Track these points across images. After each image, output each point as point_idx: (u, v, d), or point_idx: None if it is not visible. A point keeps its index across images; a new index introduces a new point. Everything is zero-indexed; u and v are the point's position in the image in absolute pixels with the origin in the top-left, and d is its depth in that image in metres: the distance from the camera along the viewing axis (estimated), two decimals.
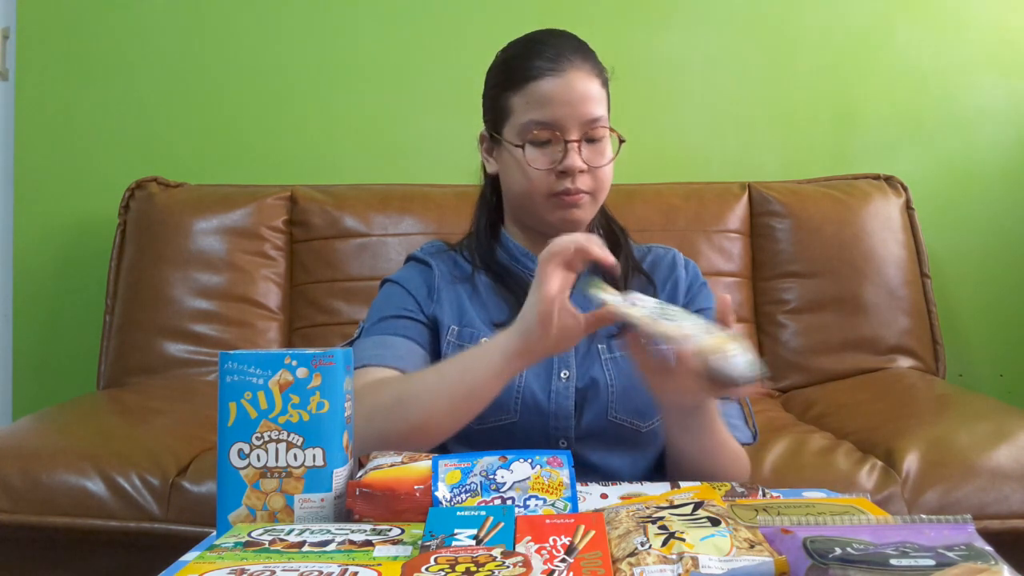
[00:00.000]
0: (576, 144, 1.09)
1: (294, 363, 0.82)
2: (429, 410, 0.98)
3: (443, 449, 1.00)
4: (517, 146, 1.11)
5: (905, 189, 2.19)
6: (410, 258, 1.25)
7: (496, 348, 0.96)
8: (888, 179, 2.20)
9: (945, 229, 2.29)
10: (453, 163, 1.22)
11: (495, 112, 1.16)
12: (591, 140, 1.11)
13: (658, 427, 1.12)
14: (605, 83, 1.15)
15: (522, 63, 1.12)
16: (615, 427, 1.11)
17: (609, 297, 0.92)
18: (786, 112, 2.35)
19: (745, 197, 2.19)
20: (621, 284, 1.14)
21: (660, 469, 1.14)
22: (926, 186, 2.26)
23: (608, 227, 1.23)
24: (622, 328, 1.06)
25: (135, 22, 2.34)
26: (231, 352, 0.82)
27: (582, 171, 1.10)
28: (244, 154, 2.33)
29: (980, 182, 2.32)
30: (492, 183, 1.22)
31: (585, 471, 1.05)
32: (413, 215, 2.14)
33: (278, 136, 2.34)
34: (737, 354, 0.84)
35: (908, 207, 2.17)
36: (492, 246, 1.21)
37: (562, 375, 1.12)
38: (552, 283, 0.90)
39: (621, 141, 1.15)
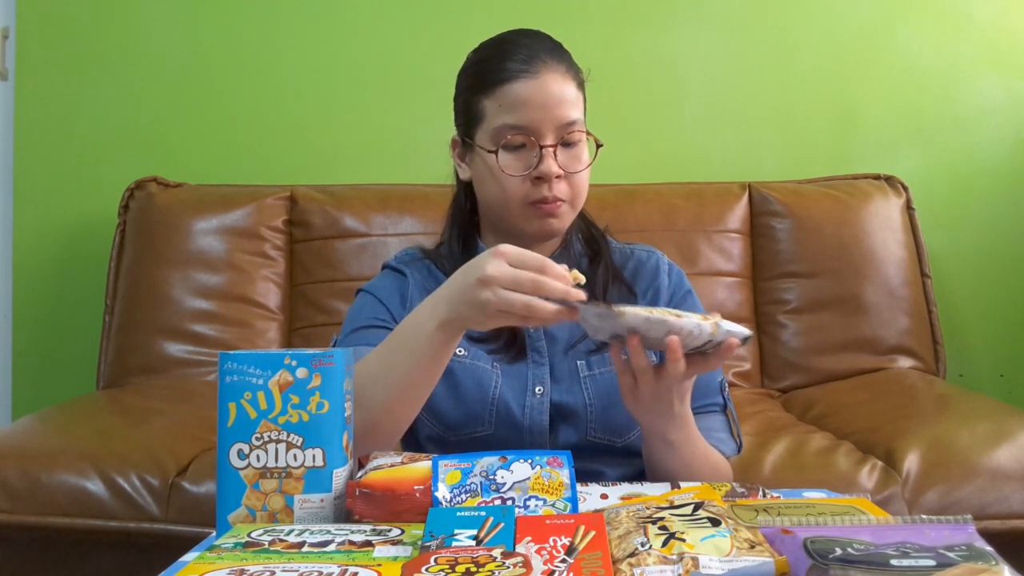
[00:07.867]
0: (552, 149, 1.05)
1: (294, 363, 0.82)
2: (385, 397, 0.97)
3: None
4: (490, 152, 1.07)
5: (905, 189, 2.19)
6: (385, 266, 1.22)
7: (427, 321, 0.95)
8: (888, 179, 2.20)
9: (945, 229, 2.28)
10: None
11: (467, 116, 1.12)
12: (567, 144, 1.07)
13: (634, 440, 1.11)
14: (581, 85, 1.11)
15: (494, 65, 1.08)
16: (591, 444, 1.10)
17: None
18: (786, 112, 2.35)
19: (745, 197, 2.18)
20: (600, 295, 1.13)
21: (640, 477, 1.13)
22: (926, 186, 2.26)
23: (588, 233, 1.19)
24: (602, 344, 1.06)
25: (135, 22, 2.34)
26: (231, 352, 0.82)
27: (558, 177, 1.06)
28: (244, 154, 2.33)
29: (980, 182, 2.32)
30: (465, 189, 1.18)
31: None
32: (413, 215, 2.14)
33: (278, 136, 2.34)
34: (727, 321, 0.89)
35: (908, 207, 2.17)
36: (464, 260, 1.17)
37: (536, 391, 1.10)
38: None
39: (599, 145, 1.10)
